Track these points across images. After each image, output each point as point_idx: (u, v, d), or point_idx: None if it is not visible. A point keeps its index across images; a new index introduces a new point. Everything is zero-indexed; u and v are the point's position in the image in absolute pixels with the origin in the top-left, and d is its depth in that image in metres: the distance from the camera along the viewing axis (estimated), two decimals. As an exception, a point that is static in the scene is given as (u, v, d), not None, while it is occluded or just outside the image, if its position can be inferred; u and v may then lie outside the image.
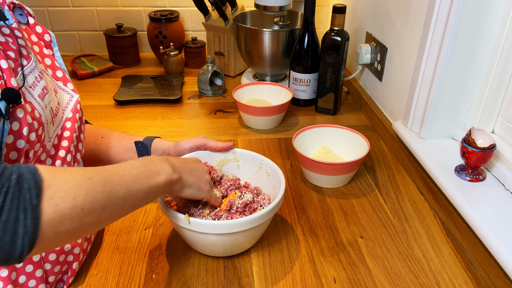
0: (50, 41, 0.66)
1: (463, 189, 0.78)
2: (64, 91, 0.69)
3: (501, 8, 0.79)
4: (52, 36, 0.67)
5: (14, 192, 0.41)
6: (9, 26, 0.57)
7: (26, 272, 0.61)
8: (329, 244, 0.78)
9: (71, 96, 0.69)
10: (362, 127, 1.18)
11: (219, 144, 0.83)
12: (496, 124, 0.88)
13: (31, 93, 0.59)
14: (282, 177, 0.76)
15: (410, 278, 0.71)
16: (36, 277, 0.62)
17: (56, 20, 1.57)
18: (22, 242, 0.42)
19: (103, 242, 0.77)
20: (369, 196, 0.91)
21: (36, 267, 0.62)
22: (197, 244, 0.71)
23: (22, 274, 0.61)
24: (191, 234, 0.68)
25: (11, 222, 0.41)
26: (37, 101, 0.59)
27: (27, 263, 0.61)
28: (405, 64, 1.02)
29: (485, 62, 0.85)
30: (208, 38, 1.46)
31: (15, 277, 0.60)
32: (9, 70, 0.54)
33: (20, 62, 0.57)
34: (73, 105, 0.69)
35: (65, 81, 0.69)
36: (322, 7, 1.61)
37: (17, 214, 0.41)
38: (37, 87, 0.60)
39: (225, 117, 1.22)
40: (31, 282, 0.62)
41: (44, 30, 0.65)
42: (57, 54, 0.67)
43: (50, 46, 0.66)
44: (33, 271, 0.62)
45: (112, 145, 0.83)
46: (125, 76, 1.41)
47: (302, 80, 1.24)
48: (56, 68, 0.68)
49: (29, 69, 0.59)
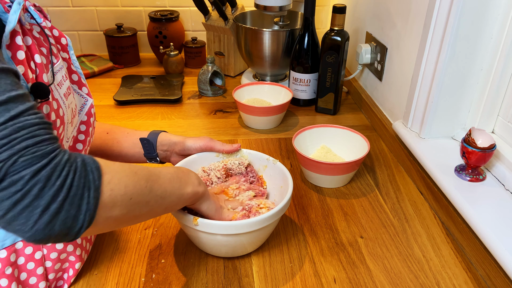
0: (66, 44, 0.67)
1: (463, 189, 0.78)
2: (79, 94, 0.70)
3: (501, 8, 0.79)
4: (68, 39, 0.68)
5: (81, 172, 0.45)
6: (39, 25, 0.59)
7: (28, 269, 0.62)
8: (329, 244, 0.78)
9: (85, 100, 0.71)
10: (362, 127, 1.18)
11: (225, 147, 0.82)
12: (496, 124, 0.88)
13: (59, 91, 0.60)
14: (289, 178, 0.75)
15: (410, 278, 0.71)
16: (37, 274, 0.62)
17: (56, 20, 1.56)
18: (83, 218, 0.45)
19: (103, 242, 0.77)
20: (369, 196, 0.91)
21: (38, 264, 0.62)
22: (205, 245, 0.72)
23: (23, 271, 0.61)
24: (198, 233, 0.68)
25: (77, 198, 0.44)
26: (63, 99, 0.61)
27: (29, 261, 0.61)
28: (405, 64, 1.02)
29: (485, 62, 0.85)
30: (208, 38, 1.46)
31: (17, 274, 0.61)
32: (42, 66, 0.56)
33: (50, 60, 0.59)
34: (88, 109, 0.70)
35: (81, 84, 0.70)
36: (322, 7, 1.61)
37: (82, 192, 0.45)
38: (63, 86, 0.62)
39: (225, 117, 1.22)
40: (31, 279, 0.62)
41: (60, 34, 0.66)
42: (73, 57, 0.68)
43: (66, 50, 0.67)
44: (34, 268, 0.62)
45: (119, 140, 0.83)
46: (125, 76, 1.41)
47: (302, 80, 1.24)
48: (72, 71, 0.69)
49: (58, 67, 0.61)
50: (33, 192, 0.42)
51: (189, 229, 0.68)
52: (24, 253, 0.61)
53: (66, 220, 0.43)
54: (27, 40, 0.55)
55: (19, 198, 0.41)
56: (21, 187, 0.41)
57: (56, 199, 0.43)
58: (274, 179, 0.80)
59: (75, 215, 0.44)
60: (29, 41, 0.55)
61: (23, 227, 0.42)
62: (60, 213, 0.43)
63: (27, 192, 0.41)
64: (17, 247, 0.60)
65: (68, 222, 0.44)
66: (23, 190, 0.41)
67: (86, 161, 0.47)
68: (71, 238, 0.46)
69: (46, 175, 0.42)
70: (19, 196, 0.41)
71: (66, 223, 0.44)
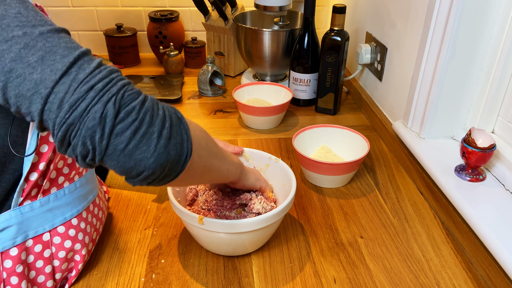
0: None
1: (463, 189, 0.78)
2: None
3: (501, 8, 0.79)
4: None
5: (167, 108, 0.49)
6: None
7: (36, 267, 0.62)
8: (329, 244, 0.78)
9: None
10: (362, 127, 1.18)
11: (229, 149, 0.81)
12: (496, 124, 0.88)
13: None
14: (292, 177, 0.76)
15: (410, 278, 0.71)
16: (45, 273, 0.63)
17: (56, 20, 1.56)
18: (187, 145, 0.49)
19: (103, 242, 0.77)
20: (369, 196, 0.91)
21: (46, 263, 0.63)
22: (209, 243, 0.72)
23: (32, 270, 0.62)
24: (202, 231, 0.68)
25: (177, 128, 0.48)
26: None
27: (38, 259, 0.62)
28: (405, 64, 1.02)
29: (485, 62, 0.85)
30: (208, 38, 1.46)
31: (27, 273, 0.61)
32: None
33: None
34: None
35: None
36: (322, 7, 1.61)
37: (179, 123, 0.49)
38: None
39: (225, 117, 1.22)
40: (40, 277, 0.63)
41: None
42: None
43: None
44: (43, 266, 0.62)
45: None
46: (125, 76, 1.41)
47: (302, 80, 1.24)
48: None
49: None
50: (147, 119, 0.45)
51: (193, 227, 0.68)
52: (34, 251, 0.61)
53: (176, 145, 0.48)
54: None
55: (137, 126, 0.44)
56: (136, 116, 0.44)
57: (164, 126, 0.46)
58: (277, 178, 0.80)
59: (181, 142, 0.48)
60: None
61: (146, 154, 0.45)
62: (171, 138, 0.47)
63: (142, 120, 0.45)
64: (27, 245, 0.60)
65: (178, 148, 0.48)
66: (138, 118, 0.44)
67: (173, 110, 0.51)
68: (180, 166, 0.49)
69: (150, 104, 0.46)
70: (137, 124, 0.44)
71: (177, 148, 0.48)
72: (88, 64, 0.44)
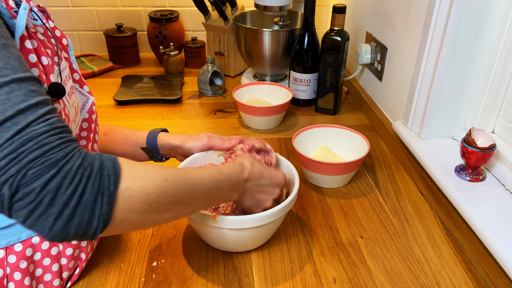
0: (67, 45, 0.68)
1: (463, 189, 0.78)
2: (80, 93, 0.71)
3: (501, 8, 0.79)
4: (69, 40, 0.69)
5: (95, 177, 0.46)
6: (44, 25, 0.60)
7: (44, 265, 0.62)
8: (329, 244, 0.78)
9: (87, 98, 0.71)
10: (362, 127, 1.18)
11: (225, 144, 0.81)
12: (496, 124, 0.88)
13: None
14: (295, 174, 0.76)
15: (410, 278, 0.71)
16: (52, 271, 0.63)
17: (56, 20, 1.56)
18: (97, 222, 0.46)
19: (103, 242, 0.77)
20: (369, 196, 0.91)
21: (53, 261, 0.63)
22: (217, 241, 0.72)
23: (39, 267, 0.62)
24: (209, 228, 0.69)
25: (90, 204, 0.45)
26: (67, 99, 0.61)
27: (45, 256, 0.62)
28: (405, 64, 1.02)
29: (485, 62, 0.85)
30: (208, 38, 1.46)
31: (33, 270, 0.61)
32: (49, 67, 0.57)
33: (57, 60, 0.61)
34: (89, 107, 0.71)
35: (81, 83, 0.71)
36: (322, 7, 1.61)
37: (96, 197, 0.45)
38: (67, 86, 0.63)
39: (225, 117, 1.22)
40: (46, 276, 0.63)
41: (62, 34, 0.67)
42: (72, 58, 0.69)
43: (66, 50, 0.68)
44: (50, 264, 0.62)
45: (118, 142, 0.83)
46: (125, 76, 1.41)
47: (302, 80, 1.24)
48: (74, 70, 0.69)
49: (62, 67, 0.63)
50: (45, 202, 0.43)
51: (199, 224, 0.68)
52: (41, 248, 0.61)
53: (80, 225, 0.45)
54: (33, 43, 0.55)
55: (33, 208, 0.43)
56: (34, 198, 0.43)
57: (67, 206, 0.44)
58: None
59: (89, 219, 0.45)
60: (35, 44, 0.56)
61: (42, 232, 0.44)
62: (73, 218, 0.44)
63: (39, 202, 0.43)
64: (33, 242, 0.60)
65: (83, 226, 0.45)
66: (35, 200, 0.43)
67: (105, 165, 0.47)
68: (89, 238, 0.47)
69: (55, 185, 0.43)
70: (33, 206, 0.43)
71: (81, 227, 0.45)
72: (5, 132, 0.42)
